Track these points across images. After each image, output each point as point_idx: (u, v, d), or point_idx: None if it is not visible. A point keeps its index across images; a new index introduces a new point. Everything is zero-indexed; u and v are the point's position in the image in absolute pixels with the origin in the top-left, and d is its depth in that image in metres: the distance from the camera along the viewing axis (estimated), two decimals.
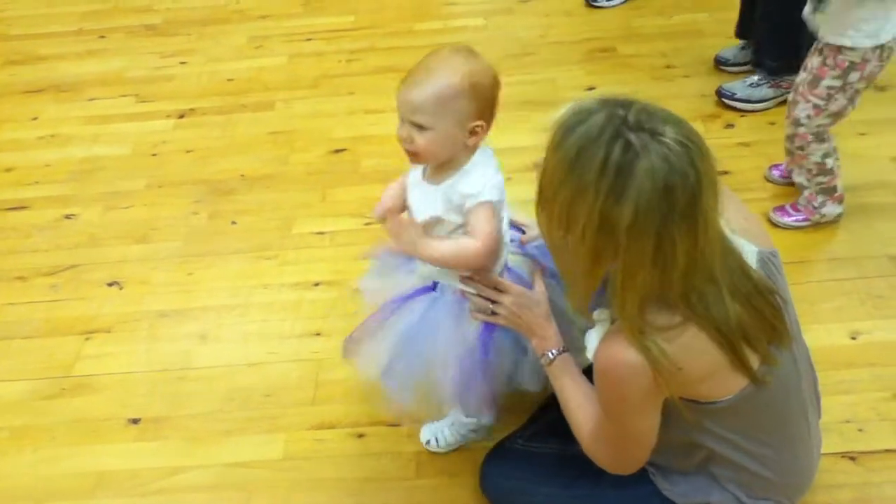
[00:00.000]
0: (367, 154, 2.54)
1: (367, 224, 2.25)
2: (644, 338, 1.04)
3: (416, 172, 1.38)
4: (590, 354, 1.17)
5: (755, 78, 2.56)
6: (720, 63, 2.76)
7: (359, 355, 1.46)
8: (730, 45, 2.77)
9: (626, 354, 1.05)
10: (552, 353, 1.29)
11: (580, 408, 1.25)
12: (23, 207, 2.48)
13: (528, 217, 1.41)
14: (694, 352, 1.06)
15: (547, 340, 1.30)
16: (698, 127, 1.05)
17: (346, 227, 2.25)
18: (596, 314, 1.19)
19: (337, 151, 2.58)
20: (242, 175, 2.52)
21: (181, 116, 2.85)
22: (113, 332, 1.99)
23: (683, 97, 2.63)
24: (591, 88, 2.77)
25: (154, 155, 2.66)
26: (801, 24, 1.91)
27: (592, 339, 1.17)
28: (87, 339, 1.97)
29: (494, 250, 1.30)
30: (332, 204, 2.36)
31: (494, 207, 1.30)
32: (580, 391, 1.26)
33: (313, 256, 2.18)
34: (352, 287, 2.02)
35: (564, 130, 1.03)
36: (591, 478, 1.33)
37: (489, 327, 1.34)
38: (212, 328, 1.97)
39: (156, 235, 2.30)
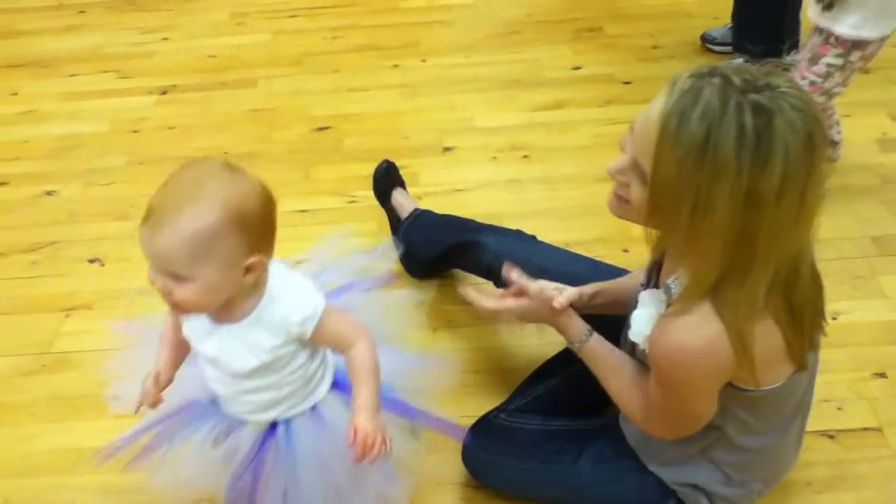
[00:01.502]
0: (349, 132, 2.53)
1: (350, 202, 2.24)
2: (742, 319, 1.00)
3: (202, 324, 1.11)
4: (637, 337, 1.14)
5: (739, 60, 2.56)
6: (707, 41, 2.76)
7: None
8: (718, 25, 2.77)
9: (699, 339, 1.02)
10: (584, 337, 1.29)
11: (627, 386, 1.23)
12: (2, 184, 2.45)
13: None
14: (766, 335, 1.04)
15: (572, 329, 1.30)
16: None
17: (329, 206, 2.24)
18: (645, 295, 1.15)
19: (320, 129, 2.57)
20: (224, 153, 2.49)
21: (163, 93, 2.82)
22: (93, 308, 1.97)
23: (667, 79, 2.63)
24: (577, 68, 2.76)
25: (135, 132, 2.63)
26: (783, 11, 1.91)
27: (641, 321, 1.13)
28: (67, 315, 1.96)
29: (368, 331, 1.14)
30: (315, 182, 2.35)
31: (333, 307, 1.12)
32: (623, 367, 1.25)
33: (295, 235, 2.15)
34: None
35: (678, 119, 0.93)
36: (570, 453, 1.35)
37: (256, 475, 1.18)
38: None
39: (136, 212, 2.22)
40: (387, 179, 2.05)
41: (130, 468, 1.32)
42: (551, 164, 2.32)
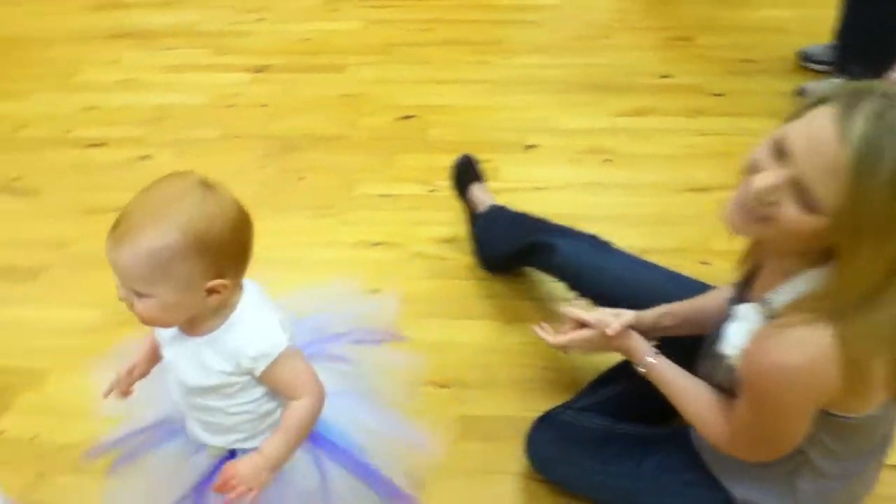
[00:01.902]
0: (434, 123, 2.57)
1: (430, 191, 2.28)
2: (868, 348, 0.98)
3: (168, 331, 1.09)
4: (732, 350, 1.11)
5: (839, 81, 2.51)
6: (805, 59, 2.71)
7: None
8: (816, 44, 2.73)
9: (801, 357, 0.99)
10: (649, 359, 1.28)
11: (704, 407, 1.21)
12: (101, 145, 2.57)
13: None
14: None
15: (634, 352, 1.31)
16: (776, 126, 1.03)
17: (410, 192, 2.29)
18: (743, 309, 1.12)
19: (405, 118, 2.62)
20: (311, 134, 2.57)
21: (258, 71, 2.92)
22: None
23: (760, 94, 2.60)
24: (665, 76, 2.75)
25: (230, 106, 2.73)
26: (892, 34, 1.87)
27: (738, 335, 1.10)
28: None
29: (322, 391, 1.07)
30: (397, 169, 2.40)
31: (295, 351, 1.05)
32: (697, 388, 1.23)
33: (374, 218, 2.22)
34: (411, 251, 2.08)
35: (877, 145, 0.89)
36: (633, 458, 1.35)
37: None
38: (269, 279, 2.02)
39: (225, 184, 2.36)
40: (466, 173, 2.08)
41: (113, 471, 1.31)
42: (634, 170, 2.32)
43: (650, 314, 1.38)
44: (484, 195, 2.05)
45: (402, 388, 1.28)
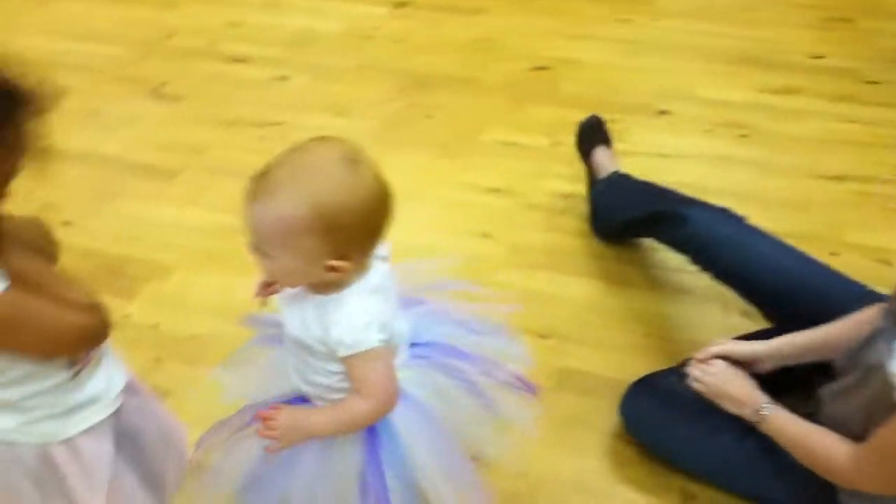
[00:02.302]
0: (568, 77, 2.54)
1: (554, 144, 2.26)
2: None
3: None
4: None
5: None
6: None
7: (211, 470, 1.23)
8: None
9: None
10: (764, 409, 1.26)
11: (827, 448, 1.19)
12: (243, 61, 2.67)
13: None
14: None
15: (754, 402, 1.28)
16: None
17: (534, 144, 2.28)
18: None
19: (538, 69, 2.59)
20: (444, 74, 2.58)
21: (399, 6, 2.94)
22: None
23: None
24: (818, 57, 2.61)
25: (367, 38, 2.78)
26: None
27: None
28: None
29: (389, 402, 1.04)
30: (525, 118, 2.39)
31: (379, 353, 1.01)
32: (816, 431, 1.21)
33: (496, 164, 2.23)
34: (527, 202, 2.08)
35: None
36: (735, 431, 1.33)
37: (375, 461, 1.09)
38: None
39: (356, 112, 2.43)
40: (592, 134, 2.05)
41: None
42: (769, 148, 2.23)
43: (769, 345, 1.35)
44: (608, 160, 2.01)
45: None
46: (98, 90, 2.53)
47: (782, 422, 1.25)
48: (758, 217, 1.84)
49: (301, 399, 1.12)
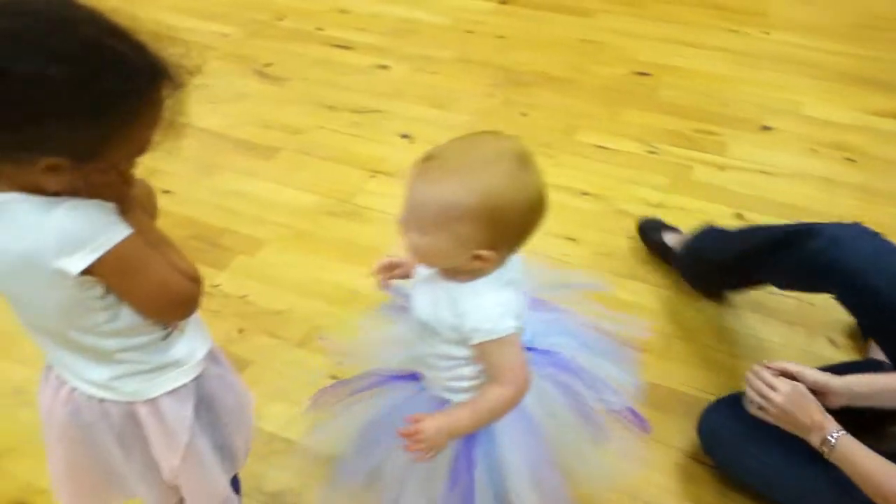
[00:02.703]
0: (669, 84, 2.49)
1: (649, 152, 2.23)
2: None
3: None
4: None
5: None
6: None
7: (322, 427, 1.29)
8: None
9: None
10: (834, 436, 1.21)
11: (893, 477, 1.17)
12: (347, 47, 2.73)
13: None
14: None
15: (823, 428, 1.22)
16: None
17: (628, 149, 2.25)
18: None
19: (639, 74, 2.55)
20: (542, 72, 2.57)
21: (502, 3, 2.95)
22: (394, 177, 2.17)
23: None
24: None
25: (469, 32, 2.79)
26: None
27: None
28: (371, 176, 2.18)
29: (525, 386, 1.05)
30: (620, 123, 2.35)
31: (513, 340, 1.02)
32: (888, 465, 1.18)
33: (587, 167, 2.21)
34: (616, 207, 2.05)
35: None
36: (821, 463, 1.26)
37: (468, 450, 1.11)
38: None
39: (451, 104, 2.44)
40: (655, 226, 1.92)
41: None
42: (877, 174, 2.13)
43: (844, 379, 1.29)
44: (681, 237, 1.86)
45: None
46: (207, 66, 2.61)
47: (853, 451, 1.20)
48: None
49: (415, 375, 1.16)
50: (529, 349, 1.13)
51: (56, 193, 0.78)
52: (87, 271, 0.80)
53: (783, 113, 2.35)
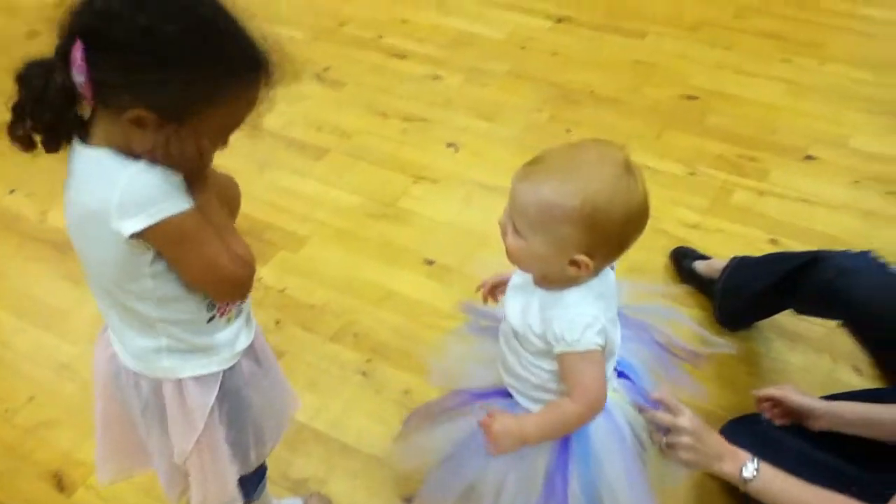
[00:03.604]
0: (717, 110, 2.50)
1: (689, 174, 2.24)
2: None
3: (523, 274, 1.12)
4: None
5: None
6: None
7: (410, 444, 1.31)
8: None
9: None
10: (752, 466, 1.13)
11: (830, 500, 1.13)
12: (403, 56, 2.81)
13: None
14: None
15: (738, 457, 1.15)
16: None
17: (670, 170, 2.27)
18: None
19: (688, 97, 2.57)
20: (592, 91, 2.61)
21: (558, 21, 2.99)
22: (438, 183, 2.24)
23: None
24: None
25: (522, 48, 2.84)
26: None
27: None
28: (415, 181, 2.24)
29: (598, 405, 1.06)
30: (665, 145, 2.37)
31: (595, 356, 1.03)
32: (809, 487, 1.14)
33: None
34: (655, 226, 2.07)
35: None
36: (833, 482, 1.25)
37: (564, 460, 1.12)
38: None
39: (499, 117, 2.50)
40: (685, 254, 1.94)
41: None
42: None
43: (830, 404, 1.31)
44: (712, 264, 1.86)
45: None
46: None
47: (770, 480, 1.13)
48: None
49: (503, 392, 1.17)
50: (620, 374, 1.16)
51: (139, 157, 0.84)
52: (139, 235, 0.85)
53: (829, 144, 2.34)
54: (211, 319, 0.99)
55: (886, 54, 2.77)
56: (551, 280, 1.04)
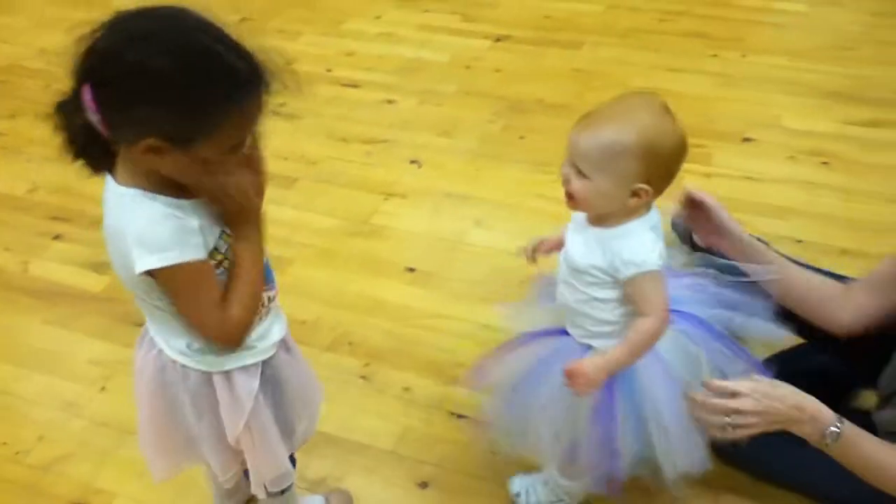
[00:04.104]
0: None
1: None
2: None
3: (580, 217, 1.24)
4: None
5: None
6: None
7: (481, 380, 1.42)
8: None
9: None
10: (835, 428, 1.14)
11: None
12: (355, 86, 2.93)
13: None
14: None
15: (817, 420, 1.14)
16: None
17: None
18: None
19: None
20: (539, 100, 2.76)
21: (497, 40, 3.16)
22: (407, 198, 2.34)
23: None
24: None
25: (468, 67, 2.99)
26: None
27: None
28: (385, 199, 2.35)
29: (668, 319, 1.18)
30: None
31: (660, 275, 1.16)
32: (891, 448, 1.14)
33: None
34: None
35: None
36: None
37: (609, 396, 1.21)
38: (486, 216, 2.26)
39: (456, 132, 2.63)
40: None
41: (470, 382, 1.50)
42: (853, 176, 2.31)
43: (751, 241, 1.38)
44: None
45: None
46: None
47: (859, 442, 1.13)
48: (838, 237, 1.96)
49: (562, 331, 1.29)
50: (673, 310, 1.22)
51: (172, 184, 0.93)
52: (147, 273, 0.94)
53: (763, 126, 2.53)
54: None
55: (800, 42, 3.01)
56: (611, 216, 1.17)
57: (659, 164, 1.12)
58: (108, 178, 0.96)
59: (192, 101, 0.87)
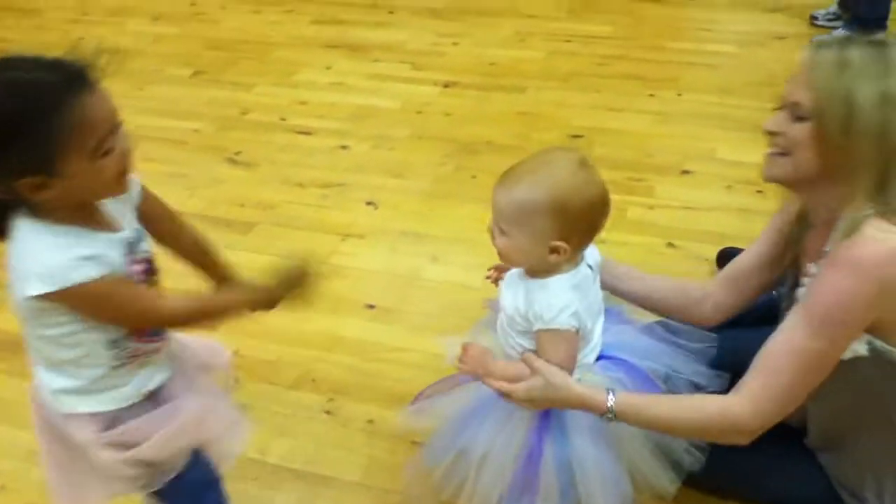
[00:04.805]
0: (601, 143, 2.80)
1: None
2: None
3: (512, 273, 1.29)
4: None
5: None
6: None
7: (420, 408, 1.46)
8: None
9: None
10: (610, 402, 1.18)
11: (692, 406, 1.20)
12: (309, 133, 3.01)
13: None
14: None
15: (591, 408, 1.20)
16: None
17: None
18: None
19: (574, 136, 2.87)
20: (488, 142, 2.87)
21: (446, 86, 3.28)
22: (364, 238, 2.41)
23: None
24: None
25: (419, 112, 3.10)
26: None
27: None
28: (343, 239, 2.41)
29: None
30: None
31: (566, 335, 1.18)
32: (674, 400, 1.22)
33: None
34: None
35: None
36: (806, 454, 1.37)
37: (540, 435, 1.25)
38: (442, 253, 2.33)
39: (409, 174, 2.72)
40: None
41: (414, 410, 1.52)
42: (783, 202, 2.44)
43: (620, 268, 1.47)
44: None
45: None
46: (184, 158, 2.87)
47: (633, 408, 1.18)
48: None
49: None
50: (602, 357, 1.29)
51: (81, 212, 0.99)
52: (42, 297, 0.98)
53: (699, 158, 2.68)
54: (121, 366, 1.14)
55: (730, 80, 3.20)
56: (537, 270, 1.22)
57: (573, 221, 1.14)
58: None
59: (23, 131, 0.90)
